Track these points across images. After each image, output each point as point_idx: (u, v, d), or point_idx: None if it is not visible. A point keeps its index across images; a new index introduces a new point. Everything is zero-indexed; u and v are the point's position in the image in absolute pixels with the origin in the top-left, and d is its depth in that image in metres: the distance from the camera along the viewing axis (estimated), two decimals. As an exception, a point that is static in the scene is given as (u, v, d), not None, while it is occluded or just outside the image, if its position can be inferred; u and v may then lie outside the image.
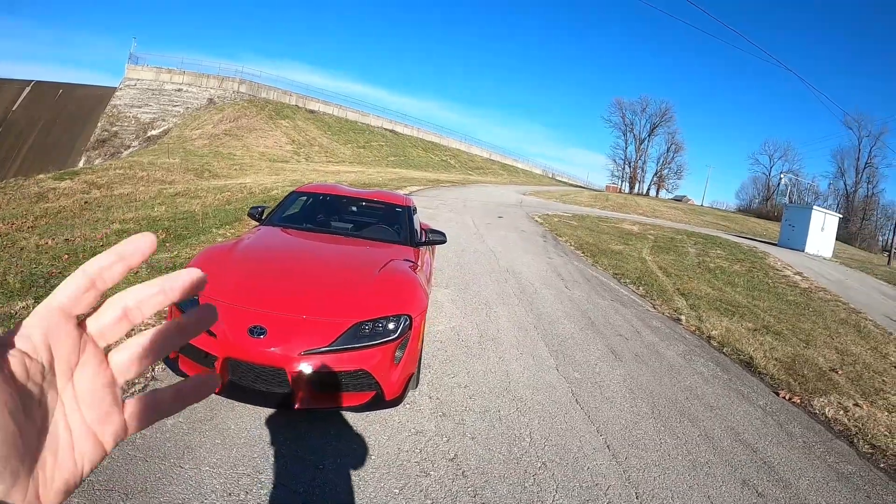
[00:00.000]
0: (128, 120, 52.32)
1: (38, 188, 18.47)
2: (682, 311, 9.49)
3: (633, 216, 34.07)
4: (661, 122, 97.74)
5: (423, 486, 3.55)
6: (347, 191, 7.63)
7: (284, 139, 51.08)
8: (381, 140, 64.16)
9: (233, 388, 3.89)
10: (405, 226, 6.68)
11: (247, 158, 39.76)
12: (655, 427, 4.84)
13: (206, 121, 51.27)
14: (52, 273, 7.23)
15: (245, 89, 59.04)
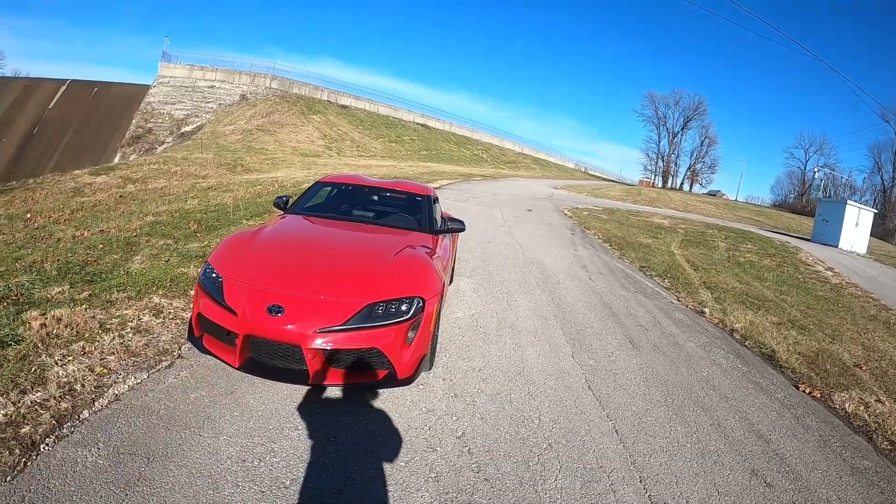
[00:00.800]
0: (162, 116, 53.13)
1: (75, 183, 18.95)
2: (706, 303, 9.45)
3: (665, 210, 33.84)
4: (695, 116, 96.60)
5: (429, 461, 3.68)
6: (370, 181, 7.80)
7: (316, 134, 51.43)
8: (413, 134, 64.25)
9: (252, 364, 4.12)
10: (424, 214, 6.82)
11: (279, 153, 40.13)
12: (667, 415, 4.88)
13: (238, 116, 51.84)
14: (87, 261, 7.47)
15: (277, 85, 59.48)
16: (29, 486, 2.99)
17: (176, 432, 3.66)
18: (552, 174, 71.11)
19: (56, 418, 3.66)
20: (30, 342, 4.65)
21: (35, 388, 3.97)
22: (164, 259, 7.92)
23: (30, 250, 8.26)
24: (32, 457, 3.25)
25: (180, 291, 6.44)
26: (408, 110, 69.87)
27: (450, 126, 74.02)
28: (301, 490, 3.23)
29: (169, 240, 9.34)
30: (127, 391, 4.14)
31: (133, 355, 4.75)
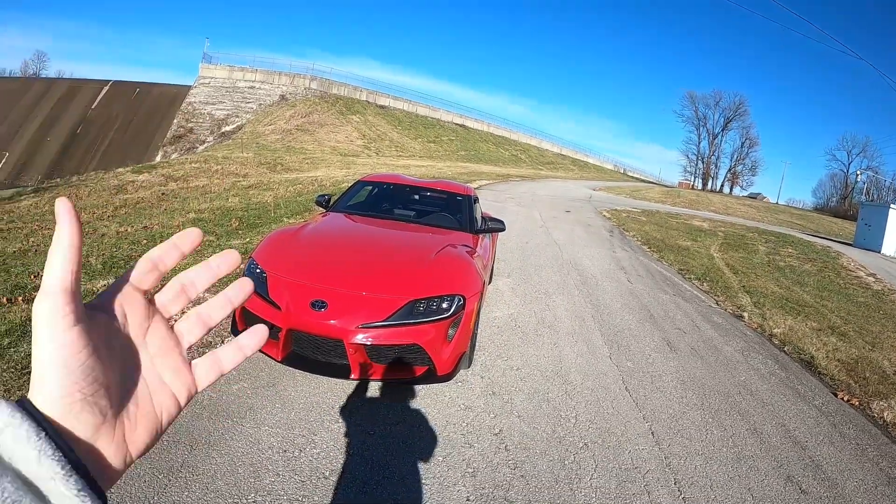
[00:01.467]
0: (202, 116, 53.78)
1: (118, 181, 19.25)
2: (745, 308, 9.36)
3: (705, 213, 33.47)
4: (735, 117, 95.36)
5: (466, 456, 3.75)
6: (410, 180, 7.89)
7: (355, 134, 51.67)
8: (451, 134, 64.20)
9: (294, 358, 4.22)
10: (465, 213, 6.86)
11: (318, 153, 40.37)
12: (703, 418, 4.88)
13: (278, 116, 52.25)
14: (131, 256, 7.66)
15: (316, 86, 59.88)
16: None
17: (219, 421, 3.79)
18: (591, 175, 70.62)
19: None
20: None
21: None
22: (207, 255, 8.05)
23: None
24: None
25: (222, 286, 6.53)
26: (446, 110, 69.84)
27: (488, 126, 73.82)
28: (340, 481, 3.32)
29: (211, 236, 9.55)
30: (172, 381, 4.26)
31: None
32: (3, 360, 4.16)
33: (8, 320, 4.91)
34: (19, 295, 5.65)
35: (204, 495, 3.04)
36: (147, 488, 3.03)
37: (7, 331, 4.68)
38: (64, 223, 0.51)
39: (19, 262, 7.21)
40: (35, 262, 7.16)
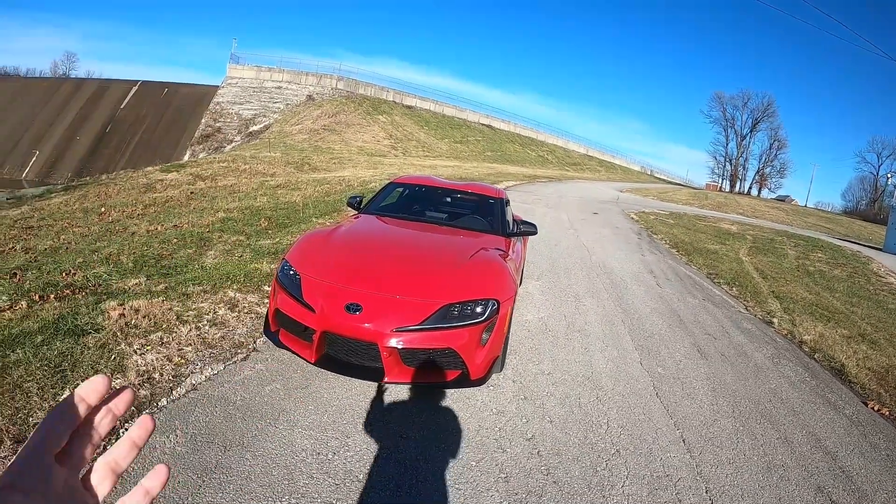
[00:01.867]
0: (230, 116, 54.34)
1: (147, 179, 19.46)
2: (775, 313, 9.30)
3: (733, 216, 33.19)
4: (764, 118, 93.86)
5: (499, 461, 3.78)
6: (442, 182, 7.92)
7: (382, 134, 51.84)
8: (478, 135, 64.19)
9: (328, 360, 4.26)
10: (497, 216, 6.87)
11: (345, 152, 40.55)
12: (734, 426, 4.87)
13: (305, 116, 52.60)
14: (162, 255, 7.75)
15: (343, 86, 60.22)
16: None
17: (252, 423, 3.84)
18: (617, 177, 70.31)
19: (135, 406, 3.82)
20: (109, 331, 4.89)
21: (114, 375, 4.21)
22: (238, 255, 8.16)
23: (105, 243, 8.60)
24: (111, 442, 3.40)
25: (254, 287, 6.66)
26: (472, 111, 69.85)
27: (514, 127, 73.75)
28: (373, 484, 3.35)
29: (241, 236, 9.61)
30: (204, 381, 4.35)
31: (209, 347, 4.98)
32: (37, 359, 4.22)
33: (41, 318, 4.98)
34: (51, 293, 5.73)
35: (238, 497, 3.08)
36: (181, 489, 3.08)
37: (40, 328, 4.74)
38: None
39: (51, 259, 7.38)
40: (66, 259, 7.28)
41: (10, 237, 9.34)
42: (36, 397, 3.72)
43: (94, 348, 4.53)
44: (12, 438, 3.27)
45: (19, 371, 4.00)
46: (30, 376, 3.96)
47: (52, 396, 3.76)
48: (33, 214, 12.43)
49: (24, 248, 8.26)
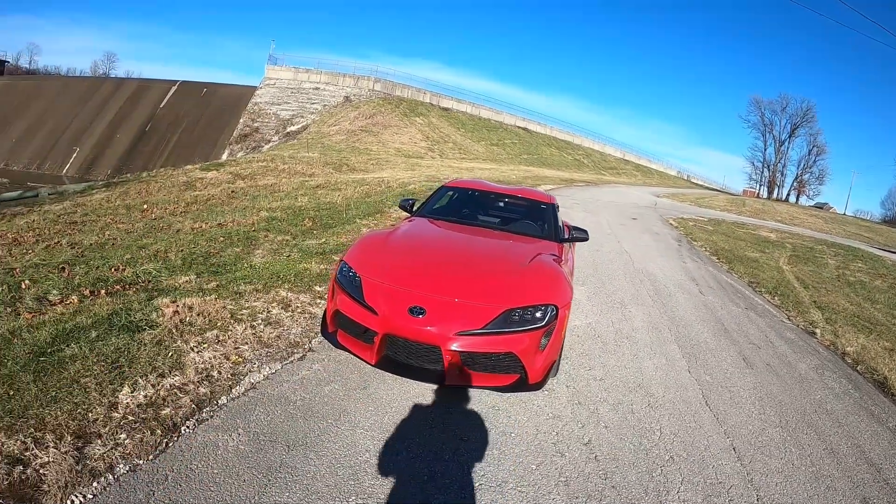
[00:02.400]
0: (268, 116, 54.85)
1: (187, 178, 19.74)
2: (817, 324, 9.25)
3: (771, 223, 32.81)
4: (802, 123, 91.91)
5: (559, 466, 3.89)
6: (494, 186, 8.01)
7: (419, 136, 51.95)
8: (514, 138, 64.01)
9: (388, 362, 4.38)
10: (550, 222, 6.95)
11: (382, 154, 40.71)
12: (781, 436, 4.92)
13: (342, 117, 52.88)
14: (210, 253, 7.94)
15: (380, 87, 60.45)
16: (171, 466, 3.29)
17: (314, 423, 3.96)
18: (654, 181, 69.72)
19: (195, 403, 3.97)
20: (164, 328, 5.02)
21: (173, 372, 4.32)
22: (285, 254, 8.33)
23: (151, 240, 8.81)
24: (174, 438, 3.55)
25: (305, 287, 6.81)
26: (509, 113, 69.58)
27: (550, 130, 73.40)
28: (438, 485, 3.47)
29: (287, 236, 9.79)
30: (262, 380, 4.48)
31: (266, 346, 5.10)
32: (94, 354, 4.34)
33: (93, 313, 5.12)
34: (101, 288, 5.91)
35: (305, 496, 3.19)
36: (247, 488, 3.19)
37: (93, 324, 4.87)
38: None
39: (97, 254, 7.55)
40: (114, 255, 7.47)
41: (54, 231, 9.57)
42: (95, 393, 3.83)
43: (150, 345, 4.66)
44: (72, 434, 3.38)
45: (76, 366, 4.13)
46: (87, 371, 4.08)
47: (110, 392, 3.87)
48: (76, 210, 12.67)
49: (69, 242, 8.45)
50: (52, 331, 4.64)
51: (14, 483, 2.92)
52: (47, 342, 4.44)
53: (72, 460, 3.16)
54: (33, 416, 3.47)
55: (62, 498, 2.89)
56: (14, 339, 4.44)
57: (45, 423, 3.43)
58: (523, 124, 70.08)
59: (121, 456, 3.28)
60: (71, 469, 3.09)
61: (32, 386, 3.79)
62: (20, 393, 3.70)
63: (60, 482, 2.97)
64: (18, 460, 3.09)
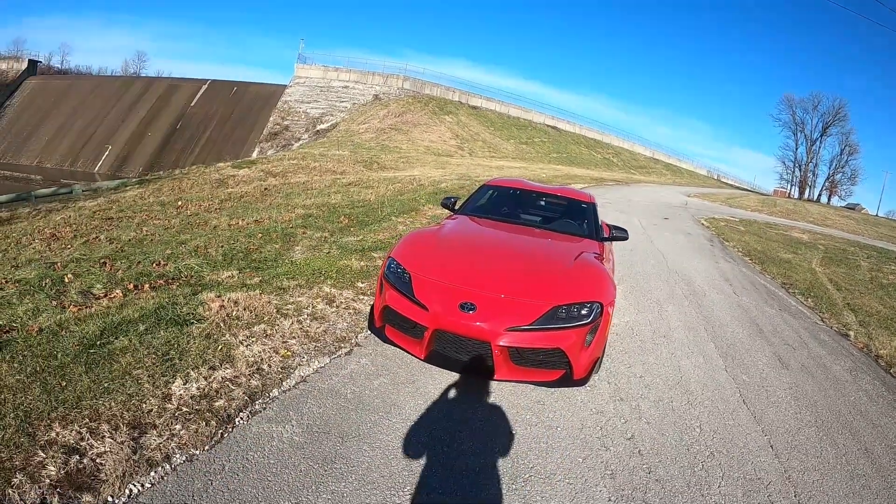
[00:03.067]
0: (298, 115, 55.35)
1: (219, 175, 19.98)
2: (850, 326, 9.25)
3: (803, 224, 32.47)
4: (835, 122, 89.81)
5: (604, 459, 4.05)
6: (534, 185, 8.18)
7: (448, 134, 52.04)
8: (544, 136, 63.85)
9: (437, 357, 4.55)
10: (591, 221, 7.08)
11: (412, 152, 40.86)
12: (818, 435, 5.01)
13: (371, 116, 53.15)
14: (249, 249, 8.14)
15: (409, 86, 60.68)
16: (227, 457, 3.42)
17: (365, 415, 4.13)
18: (684, 181, 69.12)
19: (248, 395, 4.14)
20: (211, 322, 5.20)
21: (224, 364, 4.49)
22: (325, 251, 8.54)
23: (189, 236, 9.05)
24: (228, 429, 3.70)
25: (347, 283, 6.99)
26: (538, 112, 69.25)
27: (580, 129, 72.88)
28: (489, 476, 3.64)
29: (324, 233, 10.01)
30: (312, 374, 4.66)
31: (313, 340, 5.27)
32: (143, 346, 4.50)
33: (140, 307, 5.30)
34: (145, 282, 6.10)
35: (360, 486, 3.33)
36: (304, 478, 3.34)
37: (140, 317, 5.04)
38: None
39: (137, 249, 7.74)
40: (154, 250, 7.67)
41: (91, 227, 9.74)
42: (148, 384, 3.99)
43: (199, 338, 4.83)
44: (128, 425, 3.52)
45: (127, 358, 4.28)
46: (138, 364, 4.24)
47: (163, 384, 4.04)
48: (111, 206, 12.85)
49: (108, 238, 8.65)
50: (101, 324, 4.80)
51: (71, 472, 3.05)
52: (96, 335, 4.59)
53: (129, 450, 3.29)
54: (87, 406, 3.61)
55: (120, 486, 3.02)
56: (62, 332, 4.58)
57: (100, 413, 3.56)
58: (552, 122, 69.73)
59: (177, 446, 3.42)
60: (128, 458, 3.22)
61: (85, 377, 3.93)
62: (73, 384, 3.83)
63: (118, 471, 3.10)
64: (74, 450, 3.21)
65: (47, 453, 3.14)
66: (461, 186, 19.33)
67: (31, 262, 6.66)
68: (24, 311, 4.92)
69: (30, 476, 2.94)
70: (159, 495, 3.03)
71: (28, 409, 3.47)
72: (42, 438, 3.24)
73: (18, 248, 7.68)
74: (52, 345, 4.32)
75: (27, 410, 3.46)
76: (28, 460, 3.06)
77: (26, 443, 3.18)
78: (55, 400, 3.62)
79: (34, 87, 64.82)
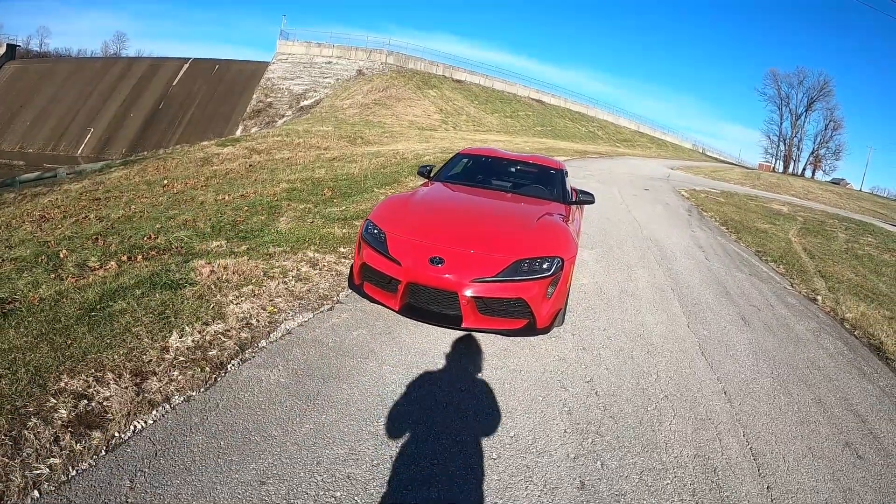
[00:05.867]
0: (281, 91, 55.10)
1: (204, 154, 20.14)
2: (819, 291, 9.50)
3: (785, 197, 32.82)
4: (819, 97, 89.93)
5: (562, 398, 4.37)
6: (506, 154, 8.51)
7: (432, 108, 52.08)
8: (528, 110, 63.92)
9: (411, 309, 4.85)
10: (558, 186, 7.37)
11: (396, 127, 40.97)
12: (772, 385, 5.29)
13: (355, 91, 53.06)
14: (236, 221, 8.40)
15: (392, 60, 60.51)
16: (221, 396, 3.78)
17: (345, 360, 4.49)
18: (668, 154, 69.40)
19: (238, 345, 4.48)
20: (203, 285, 5.51)
21: (215, 321, 4.81)
22: (309, 221, 8.77)
23: (177, 211, 9.29)
24: (221, 374, 4.06)
25: (330, 248, 7.28)
26: (523, 85, 69.32)
27: (564, 102, 72.96)
28: (459, 408, 4.00)
29: (308, 204, 10.22)
30: (297, 327, 5.00)
31: (298, 298, 5.61)
32: (141, 307, 4.82)
33: (134, 275, 5.58)
34: (138, 254, 6.37)
35: (340, 418, 3.68)
36: (290, 412, 3.69)
37: (136, 283, 5.32)
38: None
39: (127, 226, 7.95)
40: (144, 225, 7.91)
41: (79, 208, 9.95)
42: (147, 339, 4.32)
43: (192, 299, 5.16)
44: (130, 373, 3.85)
45: (126, 318, 4.60)
46: (137, 322, 4.56)
47: (161, 339, 4.36)
48: (97, 187, 13.14)
49: (97, 217, 8.86)
50: (99, 291, 5.07)
51: (81, 414, 3.37)
52: (95, 300, 4.87)
53: (132, 393, 3.62)
54: (92, 360, 3.93)
55: (126, 424, 3.35)
56: (63, 300, 4.84)
57: (104, 365, 3.88)
58: (537, 96, 69.76)
59: (175, 389, 3.77)
60: (132, 401, 3.55)
61: (88, 335, 4.24)
62: (77, 342, 4.14)
63: (123, 411, 3.43)
64: (83, 396, 3.53)
65: (58, 399, 3.46)
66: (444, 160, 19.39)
67: (24, 243, 6.90)
68: (24, 284, 5.18)
69: (43, 419, 3.26)
70: (161, 430, 3.37)
71: (38, 365, 3.77)
72: (52, 388, 3.55)
73: (10, 230, 7.88)
74: (55, 311, 4.60)
75: (37, 366, 3.76)
76: (41, 406, 3.38)
77: (38, 392, 3.50)
78: (62, 356, 3.93)
79: (13, 71, 63.82)
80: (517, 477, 3.36)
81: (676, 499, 3.36)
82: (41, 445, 3.06)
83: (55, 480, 2.86)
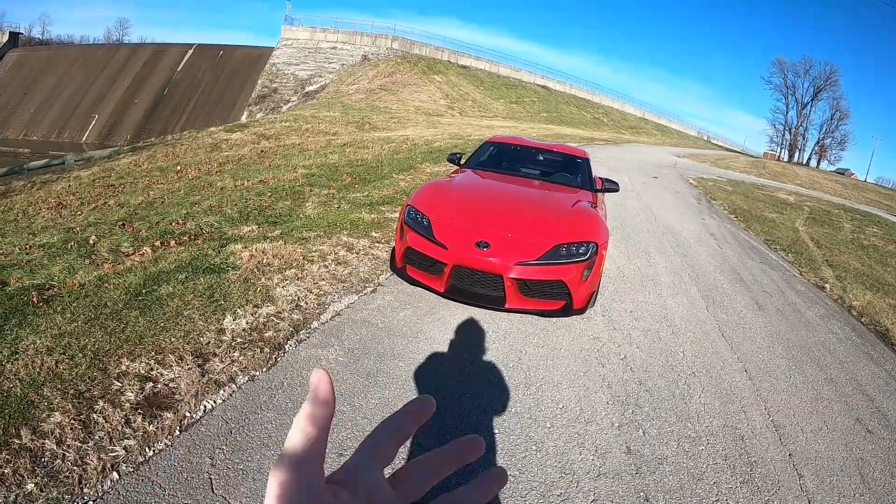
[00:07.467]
0: (286, 77, 55.14)
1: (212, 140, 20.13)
2: (827, 280, 9.78)
3: (790, 186, 32.99)
4: (826, 87, 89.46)
5: (601, 373, 4.72)
6: (533, 142, 8.90)
7: (438, 94, 52.12)
8: (534, 96, 63.82)
9: (455, 290, 5.16)
10: (585, 174, 7.74)
11: (402, 112, 40.96)
12: (787, 365, 5.63)
13: (360, 76, 53.15)
14: (262, 207, 8.62)
15: (398, 46, 60.54)
16: (284, 375, 3.98)
17: (397, 340, 4.76)
18: (673, 141, 69.12)
19: (292, 326, 4.71)
20: (246, 269, 5.72)
21: (265, 303, 5.04)
22: (335, 206, 9.05)
23: (199, 197, 9.50)
24: (280, 355, 4.27)
25: (362, 233, 7.56)
26: (528, 71, 69.06)
27: (570, 88, 72.61)
28: (507, 385, 4.30)
29: (330, 190, 10.49)
30: (345, 308, 5.27)
31: (341, 281, 5.87)
32: (189, 291, 5.02)
33: (173, 260, 5.79)
34: (170, 239, 6.57)
35: (402, 393, 3.97)
36: (354, 388, 3.94)
37: (176, 268, 5.52)
38: (311, 396, 0.50)
39: (151, 211, 8.18)
40: (169, 211, 8.13)
41: (95, 194, 10.16)
42: (201, 322, 4.50)
43: (237, 283, 5.37)
44: (191, 355, 4.00)
45: (175, 302, 4.76)
46: (187, 305, 4.75)
47: (215, 321, 4.56)
48: (108, 174, 13.31)
49: (117, 203, 9.07)
50: (140, 276, 5.22)
51: (149, 395, 3.48)
52: (139, 285, 5.00)
53: (197, 374, 3.76)
54: (150, 343, 4.05)
55: (195, 404, 3.46)
56: (105, 285, 4.95)
57: (163, 348, 4.01)
58: (542, 82, 69.42)
59: (239, 369, 3.92)
60: (198, 381, 3.68)
61: (141, 319, 4.36)
62: (131, 326, 4.25)
63: (191, 392, 3.56)
64: (147, 378, 3.63)
65: (122, 382, 3.55)
66: (454, 145, 19.70)
67: (46, 229, 7.08)
68: (59, 270, 5.29)
69: (110, 402, 3.34)
70: (231, 408, 3.52)
71: (95, 349, 3.86)
72: (114, 371, 3.65)
73: (28, 217, 8.06)
74: (99, 296, 4.71)
75: (94, 350, 3.85)
76: (106, 390, 3.46)
77: (100, 376, 3.58)
78: (118, 339, 4.04)
79: (16, 59, 63.56)
80: (571, 443, 3.68)
81: (711, 462, 3.69)
82: (112, 428, 3.13)
83: (132, 461, 2.93)
